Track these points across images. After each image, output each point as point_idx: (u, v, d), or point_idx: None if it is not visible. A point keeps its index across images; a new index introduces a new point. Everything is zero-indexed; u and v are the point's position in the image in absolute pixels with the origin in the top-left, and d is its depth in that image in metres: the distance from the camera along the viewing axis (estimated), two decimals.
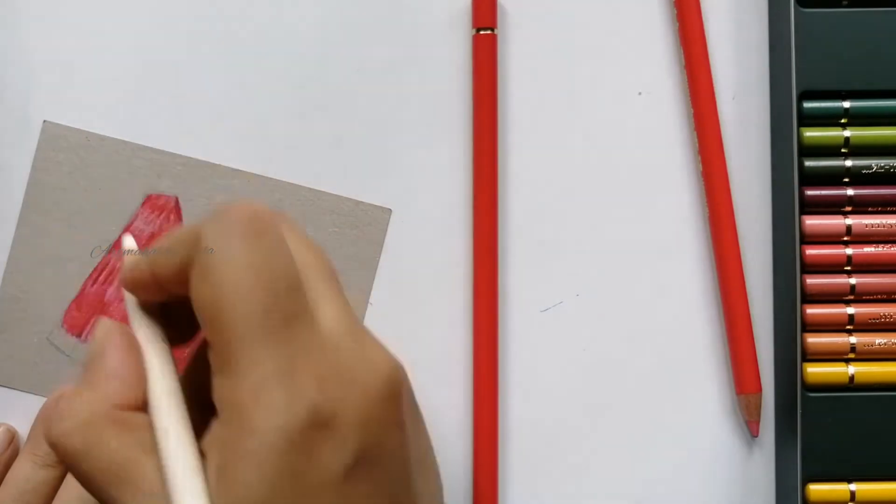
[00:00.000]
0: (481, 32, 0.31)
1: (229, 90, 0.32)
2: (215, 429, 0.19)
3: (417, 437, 0.22)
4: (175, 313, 0.22)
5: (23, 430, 0.31)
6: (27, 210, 0.31)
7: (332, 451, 0.18)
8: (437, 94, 0.32)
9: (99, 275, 0.31)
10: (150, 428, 0.20)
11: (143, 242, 0.31)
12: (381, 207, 0.31)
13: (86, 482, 0.20)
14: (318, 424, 0.18)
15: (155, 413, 0.20)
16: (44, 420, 0.30)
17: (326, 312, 0.20)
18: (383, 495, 0.20)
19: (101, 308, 0.31)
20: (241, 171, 0.32)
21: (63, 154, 0.31)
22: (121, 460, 0.19)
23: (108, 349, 0.21)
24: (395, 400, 0.20)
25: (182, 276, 0.20)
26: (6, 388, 0.31)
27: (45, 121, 0.32)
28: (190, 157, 0.32)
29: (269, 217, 0.20)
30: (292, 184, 0.32)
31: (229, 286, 0.19)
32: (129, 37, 0.32)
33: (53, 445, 0.20)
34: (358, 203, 0.31)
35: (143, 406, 0.20)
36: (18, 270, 0.31)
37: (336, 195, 0.31)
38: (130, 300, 0.22)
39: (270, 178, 0.32)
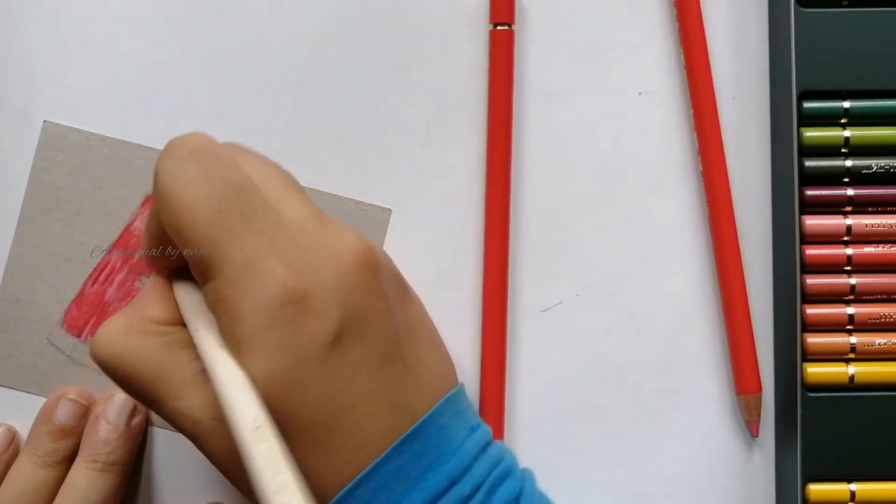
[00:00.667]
0: (499, 28, 0.31)
1: (230, 90, 0.32)
2: (218, 326, 0.21)
3: (404, 308, 0.23)
4: None
5: (23, 430, 0.31)
6: (27, 210, 0.31)
7: (316, 321, 0.20)
8: (437, 95, 0.32)
9: (99, 275, 0.31)
10: (180, 334, 0.23)
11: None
12: (381, 207, 0.31)
13: (126, 384, 0.23)
14: (295, 300, 0.20)
15: (186, 319, 0.23)
16: (44, 416, 0.30)
17: (289, 207, 0.22)
18: (374, 356, 0.21)
19: (101, 308, 0.31)
20: None
21: (63, 154, 0.31)
22: (156, 358, 0.22)
23: (148, 286, 0.24)
24: (368, 270, 0.22)
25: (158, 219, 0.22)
26: (6, 388, 0.31)
27: (45, 121, 0.31)
28: None
29: (205, 139, 0.22)
30: None
31: (182, 203, 0.21)
32: (129, 37, 0.32)
33: (94, 356, 0.23)
34: (358, 203, 0.31)
35: (175, 321, 0.23)
36: (18, 270, 0.31)
37: (336, 195, 0.31)
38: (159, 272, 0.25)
39: None
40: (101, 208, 0.31)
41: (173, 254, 0.23)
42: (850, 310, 0.30)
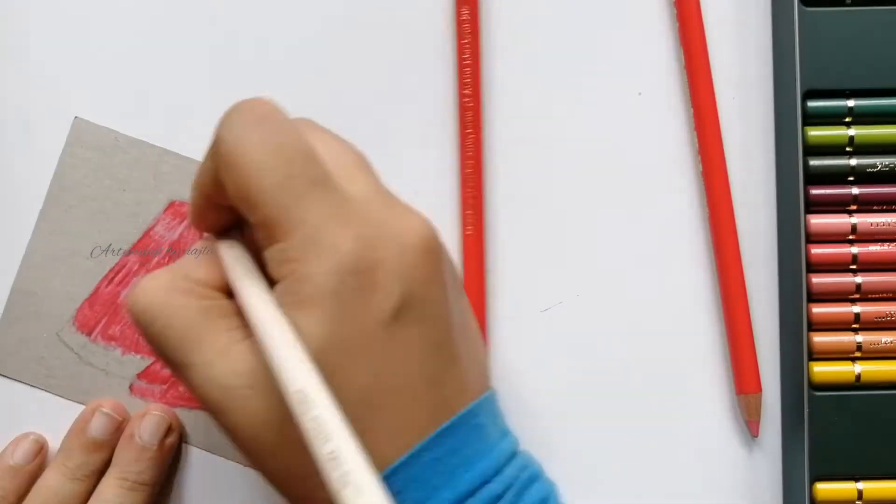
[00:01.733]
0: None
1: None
2: (277, 288, 0.20)
3: (459, 301, 0.22)
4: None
5: (26, 425, 0.29)
6: (49, 205, 0.30)
7: (380, 294, 0.19)
8: (425, 95, 0.30)
9: (115, 276, 0.30)
10: (222, 301, 0.21)
11: (164, 249, 0.30)
12: None
13: (157, 341, 0.21)
14: (362, 269, 0.19)
15: (233, 277, 0.21)
16: (77, 428, 0.28)
17: (356, 184, 0.21)
18: (428, 341, 0.20)
19: (114, 309, 0.30)
20: None
21: (91, 151, 0.30)
22: (194, 320, 0.20)
23: (193, 249, 0.23)
24: (431, 254, 0.20)
25: (219, 181, 0.20)
26: (10, 381, 0.29)
27: (76, 117, 0.30)
28: None
29: (272, 106, 0.21)
30: None
31: (248, 165, 0.19)
32: (170, 43, 0.30)
33: (130, 306, 0.21)
34: None
35: (218, 288, 0.21)
36: (35, 264, 0.30)
37: None
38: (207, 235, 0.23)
39: None
40: (124, 209, 0.30)
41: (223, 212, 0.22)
42: (856, 308, 0.28)
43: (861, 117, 0.28)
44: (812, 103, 0.28)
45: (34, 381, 0.29)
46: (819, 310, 0.28)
